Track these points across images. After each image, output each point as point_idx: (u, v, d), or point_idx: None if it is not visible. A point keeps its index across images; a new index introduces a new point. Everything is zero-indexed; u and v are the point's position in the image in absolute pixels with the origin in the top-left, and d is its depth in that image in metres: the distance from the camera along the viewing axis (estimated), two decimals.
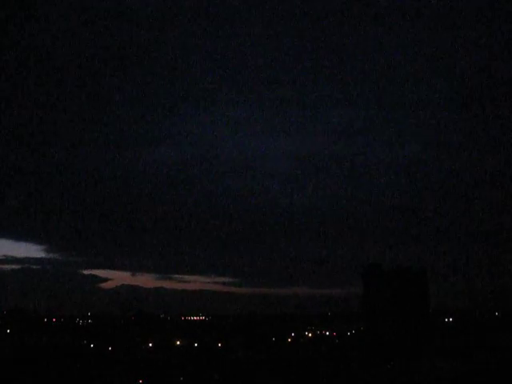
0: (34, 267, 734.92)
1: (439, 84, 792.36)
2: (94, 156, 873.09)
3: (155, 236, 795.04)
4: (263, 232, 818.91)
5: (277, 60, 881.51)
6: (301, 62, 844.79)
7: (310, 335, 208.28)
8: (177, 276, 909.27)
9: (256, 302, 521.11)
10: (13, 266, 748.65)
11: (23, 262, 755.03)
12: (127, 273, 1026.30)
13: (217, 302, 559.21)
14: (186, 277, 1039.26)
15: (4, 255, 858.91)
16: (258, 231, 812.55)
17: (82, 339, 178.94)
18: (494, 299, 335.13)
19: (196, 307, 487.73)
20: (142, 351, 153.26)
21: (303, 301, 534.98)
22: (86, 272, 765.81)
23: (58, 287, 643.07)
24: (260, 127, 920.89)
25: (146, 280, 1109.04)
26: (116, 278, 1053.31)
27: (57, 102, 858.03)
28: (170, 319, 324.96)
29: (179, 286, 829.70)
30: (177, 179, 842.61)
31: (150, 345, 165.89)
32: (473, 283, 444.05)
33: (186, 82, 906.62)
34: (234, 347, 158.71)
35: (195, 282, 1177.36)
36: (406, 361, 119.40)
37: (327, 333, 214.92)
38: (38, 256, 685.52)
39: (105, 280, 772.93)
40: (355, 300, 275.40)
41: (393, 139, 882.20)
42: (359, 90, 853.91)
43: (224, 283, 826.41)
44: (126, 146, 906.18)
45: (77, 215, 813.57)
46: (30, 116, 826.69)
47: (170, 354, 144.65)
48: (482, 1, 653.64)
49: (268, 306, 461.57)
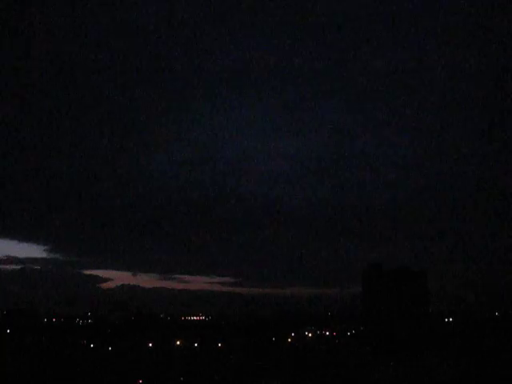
0: (36, 267, 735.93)
1: (440, 85, 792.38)
2: (96, 158, 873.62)
3: (156, 237, 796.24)
4: (263, 232, 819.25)
5: (279, 64, 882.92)
6: (302, 66, 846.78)
7: (310, 335, 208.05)
8: (177, 276, 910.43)
9: (256, 302, 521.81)
10: (14, 266, 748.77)
11: (25, 262, 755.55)
12: (128, 273, 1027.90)
13: (217, 302, 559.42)
14: (187, 277, 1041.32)
15: (6, 255, 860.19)
16: (258, 231, 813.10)
17: (82, 339, 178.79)
18: (494, 299, 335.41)
19: (196, 307, 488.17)
20: (142, 351, 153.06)
21: (303, 301, 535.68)
22: (87, 272, 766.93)
23: (59, 287, 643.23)
24: (261, 129, 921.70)
25: (147, 280, 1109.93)
26: (117, 278, 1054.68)
27: (60, 105, 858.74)
28: (170, 319, 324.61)
29: (179, 286, 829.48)
30: (178, 181, 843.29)
31: (150, 345, 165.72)
32: (473, 283, 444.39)
33: (190, 86, 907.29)
34: (234, 347, 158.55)
35: (195, 282, 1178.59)
36: (406, 360, 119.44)
37: (327, 333, 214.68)
38: (40, 256, 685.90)
39: (105, 280, 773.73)
40: (355, 300, 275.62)
41: (393, 140, 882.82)
42: (359, 93, 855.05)
43: (224, 283, 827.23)
44: (128, 149, 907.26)
45: (78, 216, 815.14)
46: (33, 118, 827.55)
47: (170, 354, 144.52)
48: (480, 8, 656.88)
49: (268, 306, 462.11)
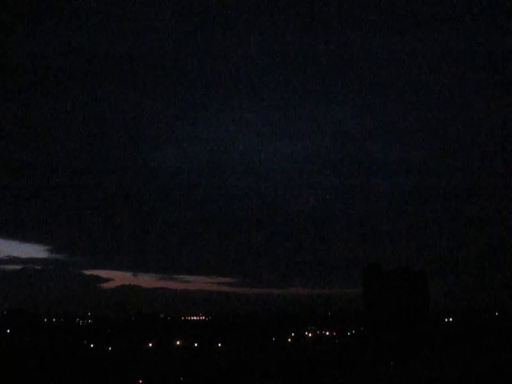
0: (37, 267, 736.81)
1: (442, 85, 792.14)
2: (98, 158, 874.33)
3: (157, 237, 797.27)
4: (263, 232, 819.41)
5: (284, 67, 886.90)
6: (306, 70, 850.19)
7: (310, 335, 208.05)
8: (177, 276, 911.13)
9: (256, 302, 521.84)
10: (15, 267, 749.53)
11: (26, 263, 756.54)
12: (129, 273, 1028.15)
13: (217, 302, 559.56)
14: (187, 277, 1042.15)
15: (8, 256, 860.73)
16: (259, 232, 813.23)
17: (82, 339, 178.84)
18: (494, 299, 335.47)
19: (196, 307, 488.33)
20: (142, 351, 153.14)
21: (303, 301, 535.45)
22: (88, 272, 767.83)
23: (60, 287, 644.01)
24: (262, 130, 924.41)
25: (147, 280, 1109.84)
26: (117, 279, 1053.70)
27: (62, 105, 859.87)
28: (170, 319, 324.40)
29: (180, 286, 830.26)
30: (179, 181, 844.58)
31: (150, 345, 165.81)
32: (473, 283, 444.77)
33: (197, 88, 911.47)
34: (234, 347, 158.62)
35: (196, 282, 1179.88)
36: (406, 360, 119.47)
37: (327, 333, 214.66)
38: (42, 256, 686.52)
39: (106, 280, 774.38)
40: (355, 300, 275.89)
41: (393, 141, 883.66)
42: (363, 95, 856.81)
43: (224, 283, 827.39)
44: (131, 149, 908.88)
45: (80, 216, 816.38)
46: (37, 117, 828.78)
47: (170, 354, 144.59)
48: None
49: (268, 306, 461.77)
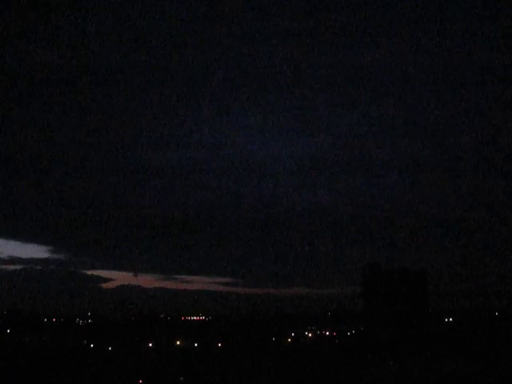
0: (38, 268, 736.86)
1: (441, 87, 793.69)
2: (99, 158, 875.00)
3: (157, 237, 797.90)
4: (263, 232, 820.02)
5: (286, 69, 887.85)
6: (308, 72, 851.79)
7: (310, 335, 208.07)
8: (178, 276, 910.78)
9: (256, 302, 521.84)
10: (16, 267, 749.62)
11: (28, 263, 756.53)
12: (129, 273, 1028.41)
13: (217, 302, 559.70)
14: (187, 277, 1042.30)
15: (10, 256, 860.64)
16: (259, 232, 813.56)
17: (82, 339, 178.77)
18: (494, 299, 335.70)
19: (196, 307, 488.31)
20: (142, 351, 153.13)
21: (303, 301, 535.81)
22: (89, 272, 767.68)
23: (61, 287, 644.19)
24: (262, 130, 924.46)
25: (148, 280, 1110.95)
26: (118, 279, 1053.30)
27: (63, 105, 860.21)
28: (170, 319, 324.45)
29: (180, 287, 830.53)
30: (179, 181, 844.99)
31: (150, 345, 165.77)
32: (473, 283, 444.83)
33: (200, 88, 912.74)
34: (234, 347, 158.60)
35: (196, 283, 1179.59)
36: (406, 360, 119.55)
37: (327, 333, 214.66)
38: (43, 257, 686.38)
39: (107, 280, 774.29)
40: (355, 300, 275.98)
41: (394, 142, 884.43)
42: (363, 96, 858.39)
43: (224, 283, 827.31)
44: (133, 149, 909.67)
45: (81, 217, 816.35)
46: (36, 117, 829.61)
47: (170, 354, 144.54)
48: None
49: (268, 306, 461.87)
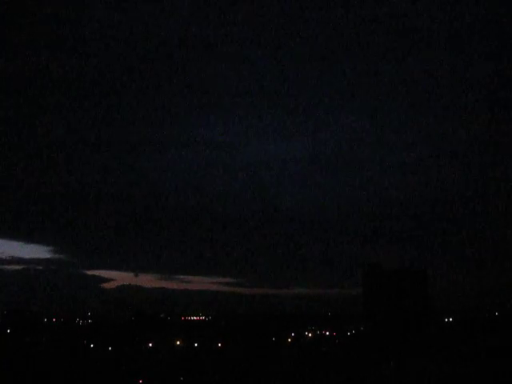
0: (39, 268, 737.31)
1: (442, 87, 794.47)
2: (100, 159, 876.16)
3: (157, 237, 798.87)
4: (263, 232, 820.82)
5: (290, 72, 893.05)
6: (311, 75, 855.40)
7: (310, 335, 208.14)
8: (178, 276, 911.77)
9: (256, 302, 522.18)
10: (17, 267, 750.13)
11: (29, 263, 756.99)
12: (130, 273, 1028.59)
13: (217, 302, 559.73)
14: (188, 277, 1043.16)
15: (11, 256, 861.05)
16: (259, 232, 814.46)
17: (82, 339, 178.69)
18: (494, 299, 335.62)
19: (196, 307, 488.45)
20: (142, 351, 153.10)
21: (303, 301, 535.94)
22: (90, 272, 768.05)
23: (61, 287, 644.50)
24: (263, 131, 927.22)
25: (148, 280, 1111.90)
26: (118, 279, 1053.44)
27: (65, 105, 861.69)
28: (170, 319, 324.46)
29: (180, 287, 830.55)
30: (179, 181, 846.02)
31: (150, 345, 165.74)
32: (473, 283, 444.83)
33: (205, 90, 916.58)
34: (234, 347, 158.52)
35: (196, 283, 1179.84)
36: (406, 361, 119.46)
37: (327, 333, 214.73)
38: (44, 257, 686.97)
39: (107, 280, 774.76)
40: (355, 300, 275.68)
41: (394, 144, 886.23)
42: (366, 99, 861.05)
43: (224, 283, 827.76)
44: (136, 150, 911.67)
45: (81, 217, 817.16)
46: (38, 118, 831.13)
47: (170, 354, 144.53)
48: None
49: (268, 306, 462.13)
